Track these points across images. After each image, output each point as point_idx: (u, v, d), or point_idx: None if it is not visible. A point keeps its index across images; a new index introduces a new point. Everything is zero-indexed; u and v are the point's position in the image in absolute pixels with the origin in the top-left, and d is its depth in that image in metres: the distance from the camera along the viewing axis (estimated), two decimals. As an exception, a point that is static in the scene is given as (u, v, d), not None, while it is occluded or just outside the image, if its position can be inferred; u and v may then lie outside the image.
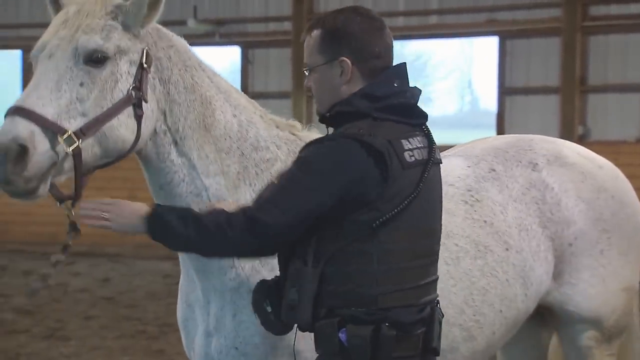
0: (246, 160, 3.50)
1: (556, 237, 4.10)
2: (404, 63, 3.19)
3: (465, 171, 4.10)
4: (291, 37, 16.14)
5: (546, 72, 15.36)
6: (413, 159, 3.00)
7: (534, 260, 4.04)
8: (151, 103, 3.34)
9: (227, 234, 2.99)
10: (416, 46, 18.63)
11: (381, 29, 3.13)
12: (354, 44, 3.08)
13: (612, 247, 4.18)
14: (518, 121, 15.35)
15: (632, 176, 4.87)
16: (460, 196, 4.00)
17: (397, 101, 3.05)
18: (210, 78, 3.54)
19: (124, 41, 3.28)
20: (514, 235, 4.02)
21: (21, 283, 12.51)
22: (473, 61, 18.80)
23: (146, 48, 3.32)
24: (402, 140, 3.00)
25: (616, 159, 5.32)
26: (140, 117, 3.27)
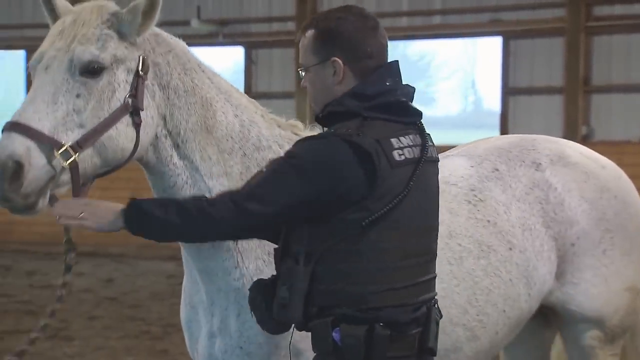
0: (248, 161, 3.50)
1: (559, 237, 4.10)
2: (396, 61, 3.17)
3: (468, 171, 4.10)
4: (295, 37, 16.08)
5: (550, 73, 15.36)
6: (403, 157, 2.99)
7: (537, 259, 4.03)
8: (151, 110, 3.33)
9: (210, 217, 3.01)
10: (419, 46, 18.57)
11: (374, 28, 3.12)
12: (346, 44, 3.08)
13: (614, 247, 4.17)
14: (522, 121, 15.35)
15: (636, 176, 4.87)
16: (464, 196, 4.00)
17: (387, 100, 3.04)
18: (211, 79, 3.53)
19: (120, 50, 3.27)
20: (517, 235, 4.01)
21: (25, 283, 12.52)
22: (477, 61, 18.72)
23: (143, 55, 3.31)
24: (392, 139, 2.99)
25: (620, 159, 5.32)
26: (139, 125, 3.27)
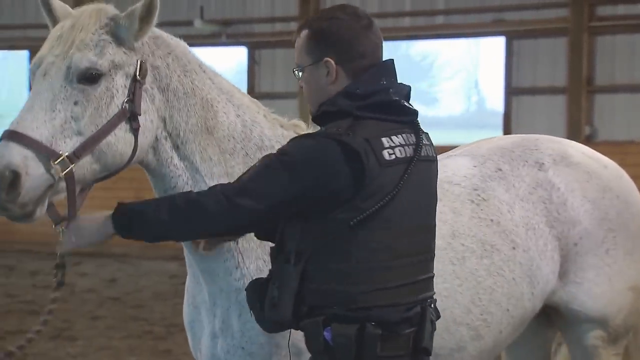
0: (250, 161, 3.49)
1: (562, 236, 4.09)
2: (391, 60, 3.16)
3: (471, 170, 4.10)
4: (298, 37, 16.13)
5: (553, 73, 15.36)
6: (393, 157, 2.97)
7: (540, 259, 4.03)
8: (150, 113, 3.33)
9: (201, 209, 3.01)
10: (422, 46, 18.57)
11: (367, 27, 3.10)
12: (338, 44, 3.07)
13: (617, 246, 4.17)
14: (525, 121, 15.34)
15: (639, 176, 4.86)
16: (467, 195, 3.99)
17: (380, 99, 3.03)
18: (212, 79, 3.52)
19: (118, 55, 3.26)
20: (521, 234, 4.01)
21: (28, 283, 12.53)
22: (480, 61, 18.72)
23: (141, 59, 3.30)
24: (383, 139, 2.98)
25: (623, 159, 5.32)
26: (137, 130, 3.26)
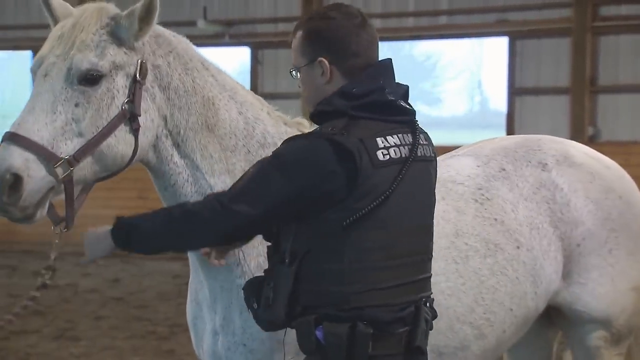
0: (253, 158, 3.49)
1: (565, 237, 4.09)
2: (389, 59, 3.15)
3: (475, 170, 4.10)
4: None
5: (556, 73, 15.34)
6: (388, 157, 2.95)
7: (544, 259, 4.03)
8: (151, 112, 3.33)
9: (196, 218, 3.01)
10: (426, 46, 18.55)
11: (360, 26, 3.09)
12: (332, 43, 3.07)
13: (620, 246, 4.17)
14: (528, 122, 15.32)
15: (642, 176, 4.85)
16: (471, 195, 3.99)
17: (375, 99, 3.02)
18: (215, 77, 3.52)
19: (119, 56, 3.27)
20: (524, 234, 4.01)
21: (31, 283, 12.53)
22: (483, 62, 18.70)
23: (142, 59, 3.30)
24: (378, 139, 2.96)
25: (627, 159, 5.32)
26: (137, 130, 3.27)
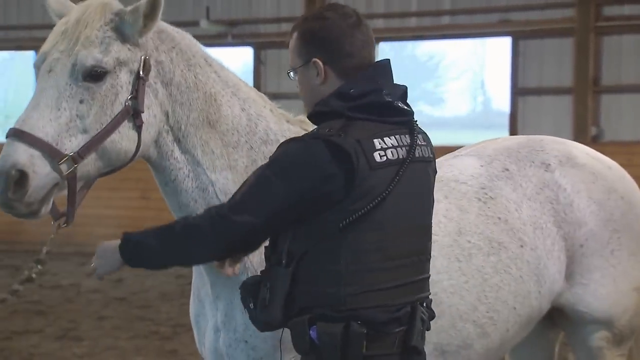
0: (255, 154, 3.50)
1: (569, 237, 4.09)
2: (387, 60, 3.15)
3: (478, 170, 4.10)
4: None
5: (559, 73, 15.32)
6: (385, 158, 2.94)
7: (548, 258, 4.03)
8: (153, 108, 3.34)
9: (197, 231, 3.00)
10: (428, 47, 18.55)
11: (354, 26, 3.09)
12: (325, 44, 3.07)
13: (622, 247, 4.17)
14: (531, 122, 15.31)
15: (645, 177, 4.84)
16: (474, 194, 3.99)
17: (372, 100, 3.01)
18: (217, 73, 3.53)
19: (123, 52, 3.27)
20: (528, 233, 4.00)
21: (34, 283, 12.52)
22: (486, 62, 18.70)
23: (145, 56, 3.31)
24: (375, 140, 2.95)
25: (630, 159, 5.32)
26: (140, 126, 3.28)
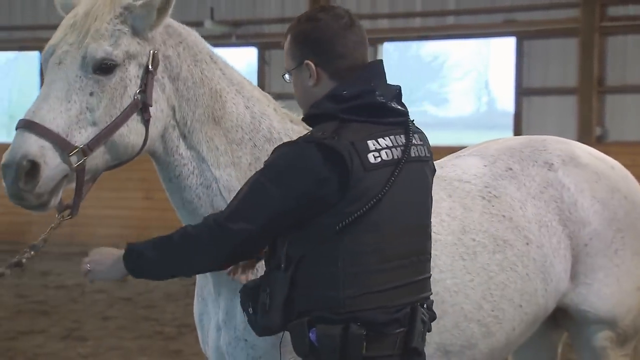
0: (258, 152, 3.51)
1: (574, 236, 4.10)
2: (380, 61, 3.15)
3: (482, 169, 4.10)
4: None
5: (564, 73, 15.30)
6: (379, 159, 2.93)
7: (554, 256, 4.02)
8: (161, 103, 3.35)
9: (195, 240, 3.01)
10: (433, 47, 18.56)
11: (346, 27, 3.08)
12: (317, 46, 3.07)
13: (625, 246, 4.18)
14: (535, 122, 15.29)
15: (649, 177, 4.84)
16: (478, 192, 3.99)
17: (365, 101, 3.00)
18: (222, 70, 3.54)
19: (133, 46, 3.28)
20: (534, 231, 4.00)
21: (39, 283, 12.56)
22: (490, 62, 18.70)
23: (154, 50, 3.32)
24: (369, 141, 2.94)
25: (634, 159, 5.31)
26: (148, 120, 3.29)
